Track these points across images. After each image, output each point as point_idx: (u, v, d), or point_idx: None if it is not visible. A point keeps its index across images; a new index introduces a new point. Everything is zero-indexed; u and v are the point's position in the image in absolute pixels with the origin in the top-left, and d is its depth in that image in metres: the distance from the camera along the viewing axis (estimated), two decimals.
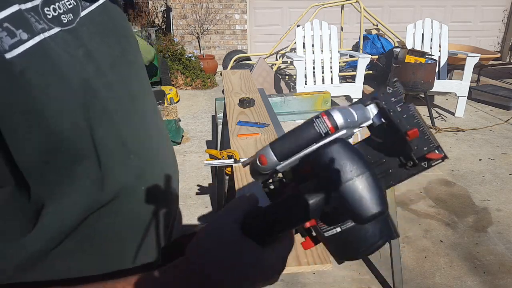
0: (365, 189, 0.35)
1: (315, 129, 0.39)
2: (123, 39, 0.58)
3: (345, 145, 0.37)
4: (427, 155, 0.42)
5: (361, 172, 0.35)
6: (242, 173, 1.25)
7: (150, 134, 0.60)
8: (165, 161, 0.64)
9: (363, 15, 5.48)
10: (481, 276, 2.02)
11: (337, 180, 0.35)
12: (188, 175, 3.07)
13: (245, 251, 0.40)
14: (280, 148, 0.40)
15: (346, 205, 0.35)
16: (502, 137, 3.81)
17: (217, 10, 6.31)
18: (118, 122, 0.52)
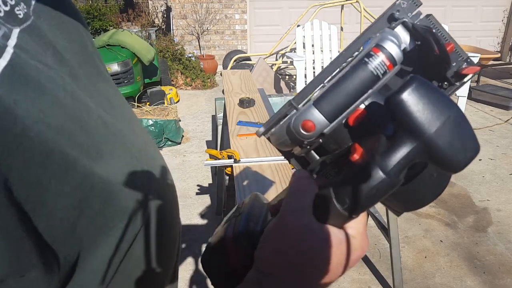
0: (458, 131, 0.29)
1: (370, 71, 0.32)
2: (79, 25, 0.47)
3: (423, 83, 0.30)
4: (463, 70, 0.35)
5: (450, 113, 0.29)
6: (242, 173, 1.25)
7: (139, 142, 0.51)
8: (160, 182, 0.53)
9: (363, 15, 5.48)
10: (481, 276, 2.02)
11: (426, 128, 0.28)
12: (188, 175, 3.07)
13: (327, 240, 0.34)
14: (329, 105, 0.32)
15: (439, 155, 0.28)
16: (502, 137, 3.81)
17: (217, 10, 6.31)
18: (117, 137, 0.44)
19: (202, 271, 2.04)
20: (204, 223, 2.47)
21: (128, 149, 0.46)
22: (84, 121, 0.38)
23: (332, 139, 0.34)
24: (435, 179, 0.33)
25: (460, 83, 0.36)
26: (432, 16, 0.36)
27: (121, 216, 0.41)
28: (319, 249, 0.34)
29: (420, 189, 0.33)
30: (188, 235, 2.35)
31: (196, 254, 2.18)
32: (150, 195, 0.47)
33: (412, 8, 0.37)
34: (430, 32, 0.35)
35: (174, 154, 3.46)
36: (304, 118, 0.33)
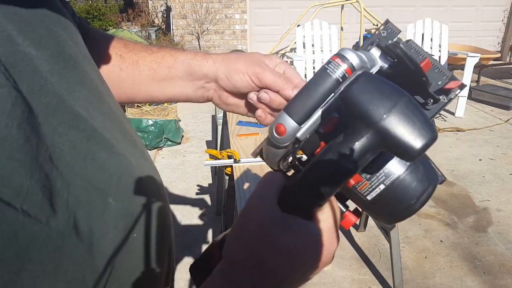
0: (409, 116, 0.29)
1: (330, 75, 0.34)
2: (54, 24, 0.40)
3: (371, 76, 0.32)
4: (446, 85, 0.37)
5: (398, 100, 0.30)
6: (242, 173, 1.24)
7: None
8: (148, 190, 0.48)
9: (363, 15, 5.48)
10: (481, 276, 2.01)
11: (375, 116, 0.30)
12: (188, 175, 3.07)
13: (289, 229, 0.34)
14: (296, 109, 0.35)
15: (392, 141, 0.29)
16: (502, 137, 3.80)
17: (217, 10, 6.31)
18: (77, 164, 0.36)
19: None
20: (204, 223, 2.47)
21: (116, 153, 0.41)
22: (36, 150, 0.32)
23: (310, 146, 0.36)
24: (415, 188, 0.35)
25: (448, 99, 0.38)
26: (412, 41, 0.40)
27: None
28: (281, 236, 0.33)
29: (403, 197, 0.34)
30: (188, 235, 2.35)
31: (196, 254, 2.18)
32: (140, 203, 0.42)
33: (392, 36, 0.40)
34: (400, 48, 0.37)
35: (174, 154, 3.46)
36: (276, 122, 0.35)
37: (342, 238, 2.31)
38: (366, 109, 0.30)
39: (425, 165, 0.35)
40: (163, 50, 0.54)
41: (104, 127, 0.41)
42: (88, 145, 0.38)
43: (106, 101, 0.45)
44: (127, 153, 0.44)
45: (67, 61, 0.40)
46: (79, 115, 0.38)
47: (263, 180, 0.37)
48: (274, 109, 0.49)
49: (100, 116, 0.42)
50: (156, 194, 0.48)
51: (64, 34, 0.40)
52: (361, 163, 0.32)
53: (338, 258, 2.14)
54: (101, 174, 0.39)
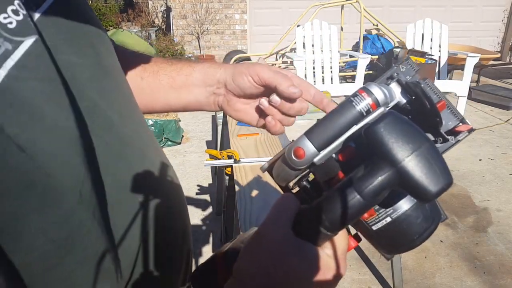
0: (429, 161, 0.31)
1: (355, 108, 0.35)
2: (94, 37, 0.44)
3: (397, 117, 0.33)
4: (457, 127, 0.39)
5: (421, 144, 0.31)
6: (242, 173, 1.25)
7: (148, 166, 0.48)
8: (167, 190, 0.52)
9: (363, 15, 5.48)
10: (481, 276, 2.02)
11: (398, 156, 0.31)
12: (188, 175, 3.07)
13: (301, 254, 0.35)
14: (318, 136, 0.36)
15: (410, 182, 0.31)
16: (502, 137, 3.80)
17: (217, 10, 6.31)
18: (115, 163, 0.41)
19: None
20: (204, 223, 2.47)
21: (140, 158, 0.45)
22: (86, 143, 0.36)
23: (324, 171, 0.37)
24: (419, 224, 0.36)
25: (456, 140, 0.40)
26: (429, 80, 0.40)
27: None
28: (293, 260, 0.35)
29: (406, 232, 0.36)
30: None
31: (196, 254, 2.18)
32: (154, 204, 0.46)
33: (410, 72, 0.41)
34: (420, 87, 0.39)
35: (174, 154, 3.46)
36: (296, 145, 0.36)
37: None
38: (390, 148, 0.31)
39: (431, 203, 0.36)
40: (182, 62, 0.59)
41: (135, 133, 0.45)
42: (120, 147, 0.42)
43: (136, 110, 0.49)
44: (153, 158, 0.48)
45: (104, 71, 0.43)
46: (112, 120, 0.42)
47: (278, 204, 0.38)
48: (285, 113, 0.52)
49: (132, 124, 0.46)
50: (177, 199, 0.53)
51: (102, 47, 0.44)
52: (378, 199, 0.33)
53: None
54: (131, 175, 0.43)
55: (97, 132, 0.39)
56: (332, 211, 0.34)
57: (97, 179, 0.37)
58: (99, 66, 0.43)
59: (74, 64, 0.38)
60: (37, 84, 0.33)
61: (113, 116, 0.42)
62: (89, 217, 0.36)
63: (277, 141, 1.50)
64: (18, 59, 0.32)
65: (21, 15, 0.33)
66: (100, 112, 0.40)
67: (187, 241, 0.55)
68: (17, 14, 0.32)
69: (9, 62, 0.31)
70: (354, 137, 0.36)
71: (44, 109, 0.33)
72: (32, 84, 0.33)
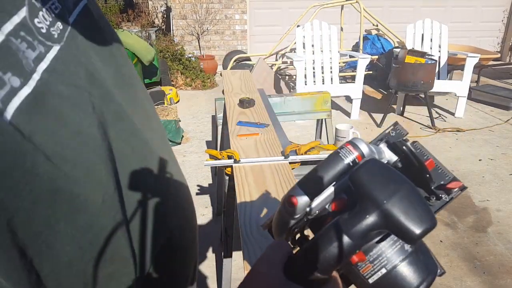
0: (412, 202, 0.33)
1: (342, 159, 0.38)
2: (114, 47, 0.47)
3: (378, 162, 0.36)
4: (448, 184, 0.42)
5: (402, 186, 0.34)
6: (242, 174, 1.25)
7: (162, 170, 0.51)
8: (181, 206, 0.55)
9: (363, 15, 5.48)
10: (481, 276, 2.02)
11: (380, 198, 0.33)
12: (188, 175, 3.07)
13: None
14: (308, 184, 0.38)
15: (394, 223, 0.33)
16: (502, 137, 3.81)
17: (217, 10, 6.31)
18: (135, 168, 0.42)
19: (203, 271, 2.04)
20: (204, 223, 2.47)
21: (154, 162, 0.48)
22: (108, 148, 0.37)
23: (317, 226, 0.38)
24: (413, 276, 0.37)
25: (449, 198, 0.44)
26: (418, 142, 0.43)
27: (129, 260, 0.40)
28: None
29: (401, 282, 0.36)
30: None
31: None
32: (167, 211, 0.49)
33: (399, 136, 0.44)
34: (407, 146, 0.42)
35: (174, 154, 3.46)
36: (289, 194, 0.39)
37: None
38: (371, 190, 0.34)
39: (425, 255, 0.38)
40: None
41: (153, 140, 0.49)
42: (143, 153, 0.45)
43: (152, 118, 0.54)
44: (169, 163, 0.53)
45: (124, 79, 0.47)
46: (136, 126, 0.45)
47: (272, 245, 0.40)
48: None
49: (149, 131, 0.50)
50: (187, 202, 0.58)
51: (120, 56, 0.49)
52: (364, 241, 0.35)
53: None
54: (155, 181, 0.46)
55: (123, 137, 0.41)
56: (319, 253, 0.35)
57: (118, 183, 0.39)
58: (120, 74, 0.46)
59: (100, 70, 0.40)
60: (64, 89, 0.34)
61: (137, 122, 0.45)
62: (110, 222, 0.37)
63: (277, 141, 1.50)
64: (50, 63, 0.33)
65: (50, 21, 0.35)
66: (126, 117, 0.43)
67: (196, 248, 0.59)
68: (46, 20, 0.34)
69: (42, 65, 0.32)
70: (344, 188, 0.38)
71: (69, 115, 0.34)
72: (60, 89, 0.33)
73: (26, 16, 0.32)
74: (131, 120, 0.43)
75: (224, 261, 1.71)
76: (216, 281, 1.99)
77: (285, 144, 1.47)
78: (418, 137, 3.83)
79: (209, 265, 2.10)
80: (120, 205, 0.38)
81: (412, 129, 4.06)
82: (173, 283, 0.50)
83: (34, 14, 0.33)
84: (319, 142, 1.48)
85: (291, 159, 1.34)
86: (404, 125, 4.14)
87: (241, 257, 2.27)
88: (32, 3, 0.33)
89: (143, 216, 0.43)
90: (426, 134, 3.92)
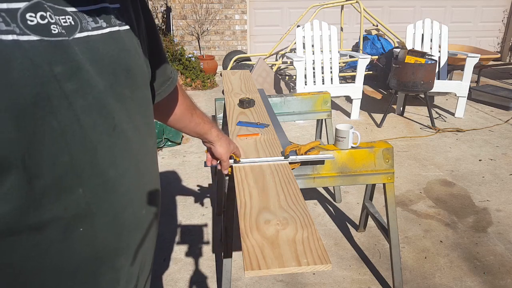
0: None
1: None
2: (122, 72, 0.58)
3: None
4: None
5: None
6: (242, 174, 1.25)
7: (128, 172, 0.60)
8: (139, 206, 0.64)
9: (363, 15, 5.48)
10: (481, 276, 2.02)
11: None
12: (188, 175, 3.07)
13: None
14: None
15: None
16: (502, 138, 3.81)
17: (217, 11, 6.31)
18: (79, 149, 0.50)
19: (203, 271, 2.04)
20: (204, 223, 2.47)
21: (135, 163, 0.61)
22: (32, 119, 0.46)
23: None
24: None
25: None
26: None
27: (18, 189, 0.48)
28: None
29: None
30: (188, 235, 2.35)
31: (196, 254, 2.18)
32: None
33: None
34: None
35: (174, 154, 3.46)
36: None
37: (342, 238, 2.31)
38: None
39: None
40: (204, 121, 1.05)
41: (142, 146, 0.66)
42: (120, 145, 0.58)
43: (149, 125, 0.70)
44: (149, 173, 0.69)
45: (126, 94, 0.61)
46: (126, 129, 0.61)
47: None
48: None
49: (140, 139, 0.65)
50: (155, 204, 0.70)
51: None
52: None
53: (338, 258, 2.14)
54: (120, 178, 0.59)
55: (103, 130, 0.55)
56: None
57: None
58: (110, 89, 0.59)
59: (89, 75, 0.55)
60: (26, 62, 0.45)
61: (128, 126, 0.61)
62: None
63: (277, 141, 1.50)
64: (32, 40, 0.46)
65: (50, 22, 0.49)
66: (95, 118, 0.54)
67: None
68: (45, 19, 0.48)
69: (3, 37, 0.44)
70: None
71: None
72: (20, 60, 0.46)
73: (19, 9, 0.45)
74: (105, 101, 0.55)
75: (224, 261, 1.71)
76: (216, 281, 1.99)
77: (285, 144, 1.47)
78: (418, 137, 3.83)
79: (209, 265, 2.10)
80: None
81: (412, 129, 4.06)
82: None
83: (31, 10, 0.45)
84: (319, 142, 1.48)
85: (291, 159, 1.34)
86: (404, 125, 4.15)
87: (241, 257, 2.29)
88: (35, 4, 0.46)
89: None
90: (426, 134, 3.92)
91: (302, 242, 0.86)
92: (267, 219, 0.96)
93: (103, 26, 0.55)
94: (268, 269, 0.78)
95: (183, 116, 0.95)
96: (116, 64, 0.57)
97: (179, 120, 0.95)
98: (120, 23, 0.59)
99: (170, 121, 0.95)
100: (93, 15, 0.54)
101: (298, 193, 1.09)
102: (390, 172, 1.66)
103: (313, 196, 2.80)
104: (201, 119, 1.02)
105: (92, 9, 0.54)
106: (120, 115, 0.57)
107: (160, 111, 0.88)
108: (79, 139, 0.50)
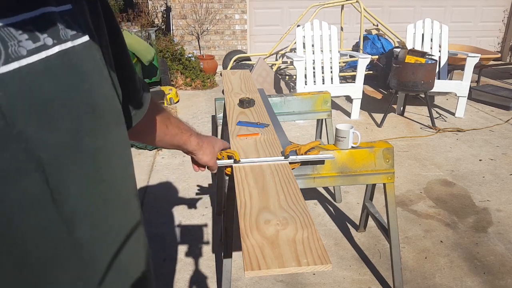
0: None
1: None
2: (84, 114, 0.42)
3: None
4: None
5: None
6: (242, 174, 1.24)
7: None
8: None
9: (363, 15, 5.48)
10: (481, 276, 2.01)
11: None
12: (188, 175, 3.07)
13: None
14: None
15: None
16: (502, 138, 3.80)
17: (217, 10, 6.31)
18: None
19: (203, 271, 2.04)
20: (204, 223, 2.46)
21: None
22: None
23: None
24: None
25: None
26: None
27: None
28: None
29: None
30: (188, 235, 2.35)
31: (196, 254, 2.18)
32: None
33: None
34: None
35: (174, 154, 3.46)
36: None
37: (342, 238, 2.31)
38: None
39: None
40: (182, 130, 0.92)
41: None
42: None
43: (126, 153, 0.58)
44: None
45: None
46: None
47: None
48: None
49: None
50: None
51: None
52: None
53: (338, 258, 2.14)
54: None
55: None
56: None
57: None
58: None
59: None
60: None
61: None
62: None
63: (277, 141, 1.50)
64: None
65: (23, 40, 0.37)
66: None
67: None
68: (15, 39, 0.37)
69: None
70: None
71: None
72: None
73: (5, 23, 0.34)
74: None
75: (224, 261, 1.71)
76: (216, 281, 1.99)
77: (285, 144, 1.47)
78: (419, 137, 3.83)
79: (209, 265, 2.10)
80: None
81: (412, 129, 4.06)
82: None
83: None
84: (319, 142, 1.48)
85: (291, 159, 1.34)
86: (405, 125, 4.15)
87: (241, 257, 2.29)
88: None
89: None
90: (426, 134, 3.92)
91: (302, 242, 0.86)
92: (267, 219, 0.96)
93: (47, 44, 0.37)
94: (268, 269, 0.78)
95: (158, 131, 0.81)
96: (74, 104, 0.40)
97: (153, 136, 0.81)
98: (75, 35, 0.41)
99: (142, 140, 0.82)
100: (29, 29, 0.35)
101: (298, 193, 1.09)
102: (390, 172, 1.66)
103: (313, 196, 2.80)
104: (178, 129, 0.88)
105: (26, 19, 0.35)
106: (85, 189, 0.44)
107: (130, 133, 0.62)
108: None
